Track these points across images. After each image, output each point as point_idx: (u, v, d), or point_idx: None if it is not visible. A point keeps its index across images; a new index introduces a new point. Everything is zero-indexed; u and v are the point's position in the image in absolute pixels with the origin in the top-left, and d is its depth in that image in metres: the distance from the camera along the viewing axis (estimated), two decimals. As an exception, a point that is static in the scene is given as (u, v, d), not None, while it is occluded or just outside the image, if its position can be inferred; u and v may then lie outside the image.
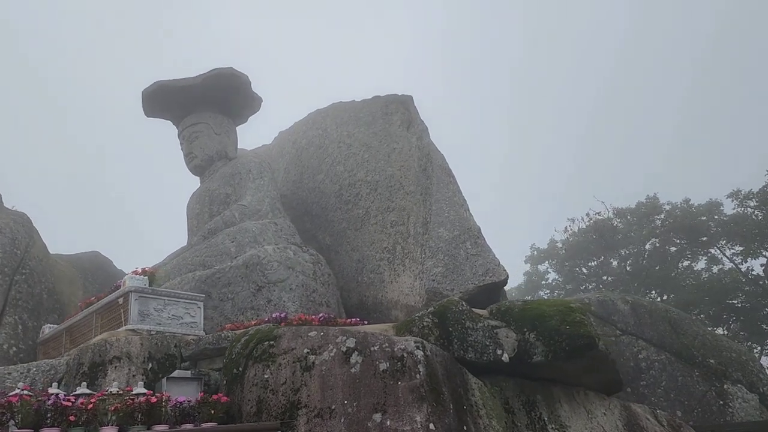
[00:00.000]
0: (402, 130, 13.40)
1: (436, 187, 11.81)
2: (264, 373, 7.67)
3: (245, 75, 14.22)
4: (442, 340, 8.13)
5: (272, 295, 11.26)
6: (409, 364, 7.16)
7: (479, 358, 8.10)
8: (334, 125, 15.40)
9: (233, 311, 11.28)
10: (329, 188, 14.79)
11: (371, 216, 13.36)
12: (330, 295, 11.93)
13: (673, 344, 12.29)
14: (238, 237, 11.90)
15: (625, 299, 13.06)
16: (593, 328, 8.36)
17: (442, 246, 11.08)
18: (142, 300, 9.34)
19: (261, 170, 13.32)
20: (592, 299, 13.07)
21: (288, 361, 7.65)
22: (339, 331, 7.78)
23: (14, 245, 12.60)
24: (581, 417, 8.73)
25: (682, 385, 11.69)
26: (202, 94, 14.11)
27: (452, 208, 11.41)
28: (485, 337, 8.27)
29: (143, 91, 14.05)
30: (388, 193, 13.16)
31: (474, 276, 10.58)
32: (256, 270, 11.37)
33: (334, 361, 7.42)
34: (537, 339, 8.36)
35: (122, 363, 8.46)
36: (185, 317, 9.71)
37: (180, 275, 11.89)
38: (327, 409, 7.08)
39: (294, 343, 7.83)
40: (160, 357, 8.87)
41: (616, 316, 12.65)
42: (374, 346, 7.42)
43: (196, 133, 14.02)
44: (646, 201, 26.83)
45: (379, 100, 14.42)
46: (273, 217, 12.69)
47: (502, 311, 9.13)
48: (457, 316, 8.37)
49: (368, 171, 13.85)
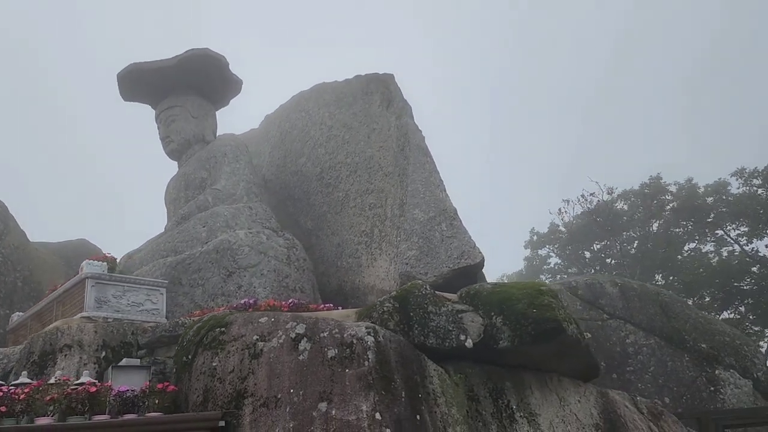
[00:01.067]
0: (382, 110, 12.96)
1: (413, 168, 11.37)
2: (212, 360, 7.33)
3: (221, 56, 13.83)
4: (402, 325, 7.74)
5: (242, 280, 10.94)
6: (358, 351, 6.79)
7: (441, 344, 7.70)
8: (317, 107, 14.98)
9: (204, 297, 10.99)
10: (311, 171, 14.41)
11: (351, 199, 12.97)
12: (305, 281, 11.58)
13: (663, 328, 11.81)
14: (210, 222, 11.57)
15: (614, 282, 12.56)
16: (563, 311, 7.91)
17: (417, 228, 10.66)
18: (99, 287, 9.04)
19: (237, 154, 12.95)
20: (579, 282, 12.59)
21: (237, 349, 7.31)
22: (290, 317, 7.43)
23: (-14, 233, 12.39)
24: (553, 404, 8.32)
25: (671, 370, 11.22)
26: (179, 77, 13.75)
27: (428, 189, 10.97)
28: (448, 322, 7.86)
29: (118, 74, 13.72)
30: (367, 174, 12.75)
31: (449, 259, 10.15)
32: (227, 255, 11.05)
33: (282, 348, 7.07)
34: (504, 323, 7.94)
35: (73, 351, 8.19)
36: (146, 304, 9.42)
37: (152, 261, 11.63)
38: (273, 398, 6.73)
39: (244, 329, 7.49)
40: (115, 345, 8.59)
41: (604, 300, 12.17)
42: (324, 332, 7.06)
43: (172, 116, 13.67)
44: (650, 182, 26.07)
45: (360, 79, 13.97)
46: (248, 201, 12.33)
47: (471, 295, 8.71)
48: (419, 300, 7.97)
49: (348, 153, 13.44)
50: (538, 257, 28.20)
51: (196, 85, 14.02)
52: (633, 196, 25.96)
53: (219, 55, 13.76)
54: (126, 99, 14.43)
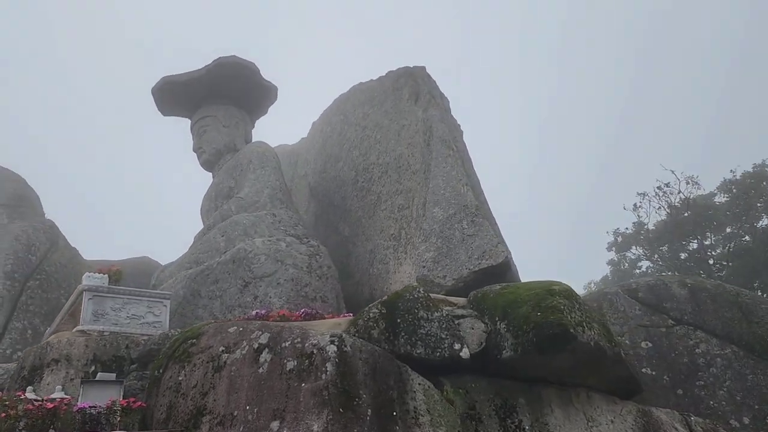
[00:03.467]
0: (410, 104, 12.10)
1: (435, 162, 10.41)
2: (179, 374, 6.77)
3: (251, 63, 13.56)
4: (387, 333, 6.82)
5: (258, 291, 10.41)
6: (317, 362, 5.96)
7: (430, 354, 6.70)
8: (353, 108, 14.36)
9: (222, 310, 10.56)
10: (347, 175, 13.75)
11: (382, 201, 12.16)
12: (327, 290, 10.87)
13: (742, 335, 10.00)
14: (228, 231, 11.17)
15: (682, 282, 10.84)
16: (576, 314, 6.66)
17: (436, 228, 9.68)
18: (97, 299, 8.79)
19: (263, 160, 12.53)
20: (640, 284, 10.99)
21: (202, 361, 6.71)
22: (258, 326, 6.73)
23: (29, 251, 12.71)
24: (577, 425, 7.04)
25: (753, 385, 9.42)
26: (210, 87, 13.61)
27: (449, 184, 9.96)
28: (440, 329, 6.85)
29: (152, 89, 13.79)
30: (396, 174, 11.91)
31: (469, 260, 9.08)
32: (243, 264, 10.57)
33: (244, 360, 6.38)
34: (507, 330, 6.82)
35: (60, 366, 7.93)
36: (147, 317, 9.06)
37: (178, 273, 11.39)
38: (229, 416, 6.05)
39: (213, 340, 6.88)
40: (107, 359, 8.25)
41: (670, 303, 10.51)
42: (286, 342, 6.30)
43: (204, 127, 13.53)
44: (753, 170, 23.06)
45: (391, 75, 13.21)
46: (272, 208, 11.84)
47: (478, 298, 7.67)
48: (408, 305, 7.01)
49: (380, 153, 12.67)
50: (626, 260, 25.79)
51: (228, 94, 13.83)
52: (734, 186, 23.01)
53: (247, 62, 13.49)
54: (164, 114, 14.49)
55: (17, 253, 12.34)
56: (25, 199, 14.56)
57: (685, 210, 21.96)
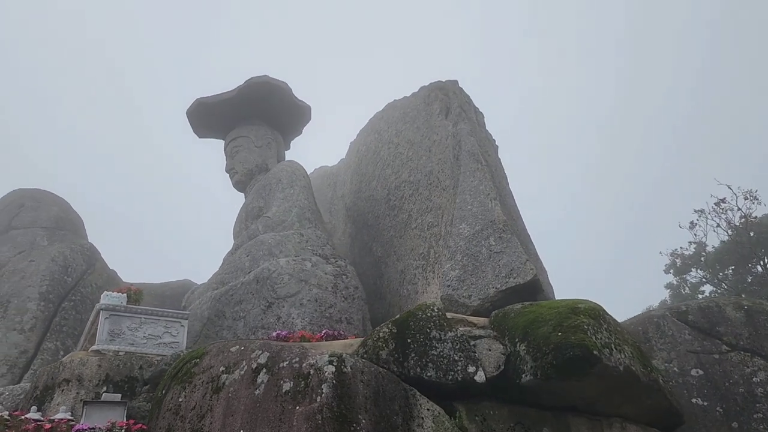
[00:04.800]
0: (441, 119, 11.68)
1: (463, 177, 9.93)
2: (180, 396, 6.48)
3: (282, 82, 13.49)
4: (396, 354, 6.35)
5: (281, 311, 10.10)
6: (313, 384, 5.53)
7: (442, 377, 6.18)
8: (387, 126, 14.05)
9: (245, 331, 10.29)
10: (380, 194, 13.39)
11: (413, 219, 11.72)
12: (353, 311, 10.46)
13: (807, 362, 8.99)
14: (253, 250, 10.95)
15: (738, 304, 9.89)
16: (603, 335, 6.03)
17: (462, 245, 9.15)
18: (113, 318, 8.66)
19: (292, 179, 12.32)
20: (691, 306, 10.09)
21: (203, 382, 6.40)
22: (259, 345, 6.38)
23: (66, 273, 12.84)
24: (610, 460, 6.35)
25: (820, 418, 8.40)
26: (242, 107, 13.60)
27: (476, 199, 9.45)
28: (454, 350, 6.32)
29: (186, 112, 13.89)
30: (427, 191, 11.46)
31: (496, 278, 8.50)
32: (266, 284, 10.30)
33: (242, 381, 6.02)
34: (527, 352, 6.24)
35: (70, 386, 7.78)
36: (164, 336, 8.86)
37: (204, 295, 11.24)
38: (223, 442, 5.68)
39: (215, 360, 6.57)
40: (119, 380, 8.07)
41: (723, 327, 9.58)
42: (284, 362, 5.92)
43: (236, 147, 13.49)
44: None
45: (423, 90, 12.84)
46: (300, 228, 11.57)
47: (499, 318, 7.12)
48: (420, 324, 6.53)
49: (411, 170, 12.26)
50: (686, 284, 24.19)
51: (260, 115, 13.78)
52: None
53: (279, 81, 13.43)
54: (200, 136, 14.56)
55: (53, 274, 12.50)
56: (67, 222, 14.84)
57: (747, 229, 20.47)
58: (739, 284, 21.68)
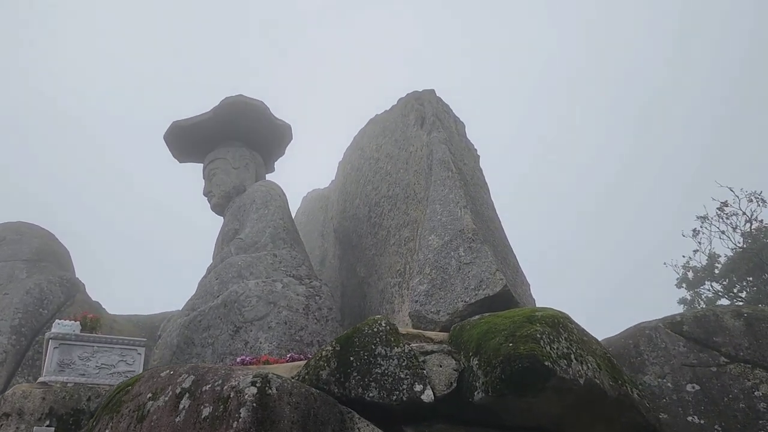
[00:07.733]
0: (416, 129, 11.22)
1: (433, 186, 9.42)
2: (106, 427, 5.97)
3: (258, 101, 13.15)
4: (338, 374, 5.78)
5: (249, 335, 9.59)
6: (231, 408, 4.99)
7: (386, 397, 5.58)
8: (368, 141, 13.63)
9: (213, 358, 9.78)
10: (362, 213, 12.90)
11: (391, 236, 11.19)
12: (326, 333, 9.90)
13: (815, 373, 8.19)
14: (222, 273, 10.49)
15: (737, 312, 9.11)
16: (559, 345, 5.41)
17: (431, 257, 8.59)
18: (63, 348, 8.22)
19: (266, 199, 11.89)
20: (686, 316, 9.35)
21: (129, 410, 5.88)
22: (187, 369, 5.85)
23: (41, 305, 12.48)
24: (580, 486, 5.66)
25: (831, 433, 7.59)
26: (220, 129, 13.29)
27: (446, 208, 8.91)
28: (400, 367, 5.74)
29: (163, 136, 13.60)
30: (404, 205, 10.95)
31: (465, 291, 7.91)
32: (234, 308, 9.82)
33: (165, 408, 5.50)
34: (479, 366, 5.63)
35: (10, 421, 7.31)
36: (119, 366, 8.40)
37: (175, 322, 10.78)
38: (141, 476, 5.15)
39: (144, 386, 6.06)
40: (64, 413, 7.58)
41: (721, 337, 8.81)
42: (207, 386, 5.39)
43: (214, 170, 13.13)
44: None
45: (400, 101, 12.42)
46: (273, 248, 11.10)
47: (457, 331, 6.52)
48: (366, 340, 5.96)
49: (390, 184, 11.78)
50: (701, 299, 22.98)
51: (238, 135, 13.45)
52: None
53: (254, 100, 13.10)
54: (180, 160, 14.26)
55: (27, 306, 12.14)
56: (49, 254, 14.54)
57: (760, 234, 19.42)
58: (759, 295, 20.59)
